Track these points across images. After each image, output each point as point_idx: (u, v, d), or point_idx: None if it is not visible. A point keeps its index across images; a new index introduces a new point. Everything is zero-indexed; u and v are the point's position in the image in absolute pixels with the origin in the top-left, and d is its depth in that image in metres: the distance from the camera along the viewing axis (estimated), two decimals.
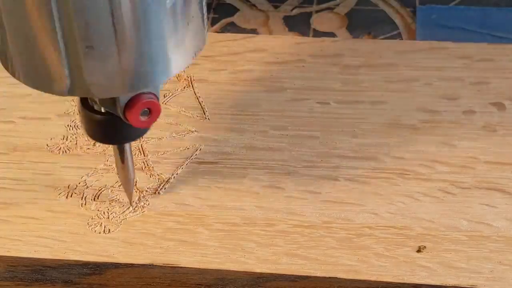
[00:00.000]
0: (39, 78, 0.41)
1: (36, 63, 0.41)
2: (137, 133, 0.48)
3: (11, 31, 0.40)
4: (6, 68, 0.43)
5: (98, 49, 0.39)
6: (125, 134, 0.47)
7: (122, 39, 0.39)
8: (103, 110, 0.46)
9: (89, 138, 0.48)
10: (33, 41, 0.40)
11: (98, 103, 0.45)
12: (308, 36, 0.70)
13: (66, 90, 0.41)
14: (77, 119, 0.58)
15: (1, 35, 0.41)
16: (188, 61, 0.43)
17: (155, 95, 0.44)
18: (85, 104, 0.46)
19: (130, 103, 0.43)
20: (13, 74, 0.43)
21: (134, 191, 0.53)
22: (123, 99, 0.43)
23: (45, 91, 0.42)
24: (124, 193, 0.53)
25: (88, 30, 0.39)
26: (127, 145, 0.49)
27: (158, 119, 0.58)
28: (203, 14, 0.43)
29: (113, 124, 0.46)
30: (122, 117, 0.44)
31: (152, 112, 0.44)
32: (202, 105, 0.59)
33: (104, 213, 0.52)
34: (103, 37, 0.39)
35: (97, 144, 0.56)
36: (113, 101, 0.44)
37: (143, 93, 0.43)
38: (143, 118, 0.44)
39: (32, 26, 0.39)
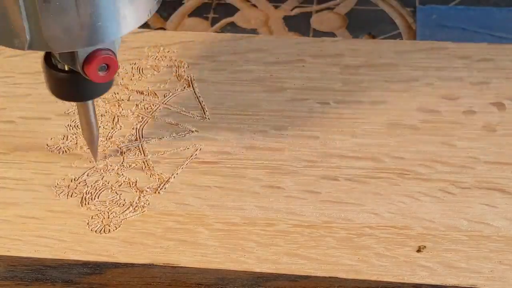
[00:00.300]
0: (1, 33, 0.43)
1: None
2: (99, 90, 0.49)
3: None
4: None
5: (54, 3, 0.41)
6: (87, 91, 0.49)
7: None
8: (66, 68, 0.47)
9: (52, 95, 0.49)
10: None
11: (58, 59, 0.47)
12: (308, 36, 0.70)
13: (27, 45, 0.42)
14: (77, 119, 0.58)
15: None
16: (142, 19, 0.45)
17: (112, 51, 0.46)
18: (48, 62, 0.48)
19: (89, 58, 0.45)
20: None
21: (134, 190, 0.53)
22: (82, 54, 0.45)
23: (7, 46, 0.43)
24: (124, 192, 0.53)
25: None
26: (90, 103, 0.51)
27: (158, 119, 0.58)
28: None
29: (76, 81, 0.48)
30: (81, 72, 0.46)
31: (110, 67, 0.46)
32: (202, 105, 0.59)
33: (104, 213, 0.52)
34: None
35: (97, 144, 0.56)
36: (72, 56, 0.45)
37: (101, 49, 0.45)
38: (101, 73, 0.46)
39: None
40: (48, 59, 0.48)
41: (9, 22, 0.42)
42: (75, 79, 0.47)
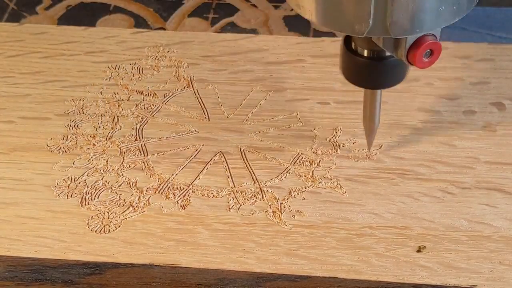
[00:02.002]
0: (339, 20, 0.42)
1: (341, 4, 0.42)
2: (395, 79, 0.49)
3: None
4: (299, 9, 0.43)
5: None
6: (384, 79, 0.48)
7: None
8: (365, 54, 0.47)
9: (345, 79, 0.49)
10: None
11: (379, 45, 0.46)
12: (308, 36, 0.70)
13: (366, 31, 0.42)
14: (77, 119, 0.58)
15: None
16: (474, 2, 0.44)
17: (435, 36, 0.45)
18: (348, 46, 0.47)
19: (415, 45, 0.44)
20: (307, 15, 0.43)
21: (134, 190, 0.53)
22: (410, 40, 0.44)
23: (343, 31, 0.43)
24: (124, 192, 0.53)
25: None
26: (379, 92, 0.50)
27: (158, 119, 0.58)
28: None
29: (375, 68, 0.47)
30: (403, 58, 0.45)
31: (434, 52, 0.45)
32: (202, 105, 0.59)
33: (104, 213, 0.52)
34: None
35: (97, 144, 0.56)
36: (398, 42, 0.45)
37: (426, 34, 0.44)
38: (425, 59, 0.45)
39: None
40: (348, 43, 0.47)
41: (355, 8, 0.41)
42: (375, 66, 0.47)
